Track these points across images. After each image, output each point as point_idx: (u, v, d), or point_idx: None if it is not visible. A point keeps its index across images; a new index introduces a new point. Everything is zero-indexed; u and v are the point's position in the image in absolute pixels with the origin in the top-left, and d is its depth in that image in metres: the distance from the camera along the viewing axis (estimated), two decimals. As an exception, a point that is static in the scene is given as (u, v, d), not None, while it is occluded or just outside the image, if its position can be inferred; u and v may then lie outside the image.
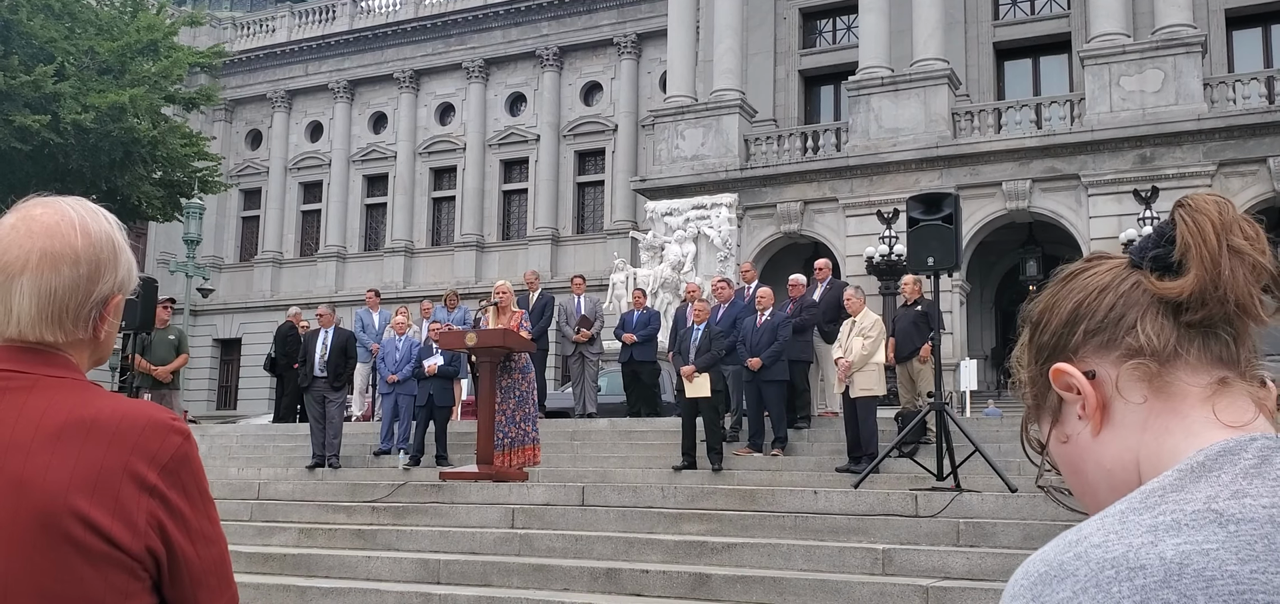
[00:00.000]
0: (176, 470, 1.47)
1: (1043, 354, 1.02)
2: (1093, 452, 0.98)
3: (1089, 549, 0.82)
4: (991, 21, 30.46)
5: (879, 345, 11.81)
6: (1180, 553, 0.79)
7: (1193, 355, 0.94)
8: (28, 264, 1.48)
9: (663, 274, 27.38)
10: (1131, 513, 0.85)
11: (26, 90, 22.58)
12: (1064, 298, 1.02)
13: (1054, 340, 1.01)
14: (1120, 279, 0.99)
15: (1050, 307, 1.03)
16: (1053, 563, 0.83)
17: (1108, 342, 0.97)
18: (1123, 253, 1.03)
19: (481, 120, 39.60)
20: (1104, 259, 1.04)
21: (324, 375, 13.79)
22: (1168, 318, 0.95)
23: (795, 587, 8.34)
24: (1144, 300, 0.96)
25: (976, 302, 29.26)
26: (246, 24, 44.55)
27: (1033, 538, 8.90)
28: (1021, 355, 1.07)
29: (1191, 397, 0.93)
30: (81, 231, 1.51)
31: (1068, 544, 0.84)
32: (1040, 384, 1.03)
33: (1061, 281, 1.05)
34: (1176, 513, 0.82)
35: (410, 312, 16.76)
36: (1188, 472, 0.86)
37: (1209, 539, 0.80)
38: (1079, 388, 0.97)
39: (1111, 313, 0.97)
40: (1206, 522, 0.81)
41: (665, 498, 10.99)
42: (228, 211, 43.56)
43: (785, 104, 32.22)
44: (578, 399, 16.58)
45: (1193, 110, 23.64)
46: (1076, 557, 0.82)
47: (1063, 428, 1.01)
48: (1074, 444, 1.00)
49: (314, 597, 9.11)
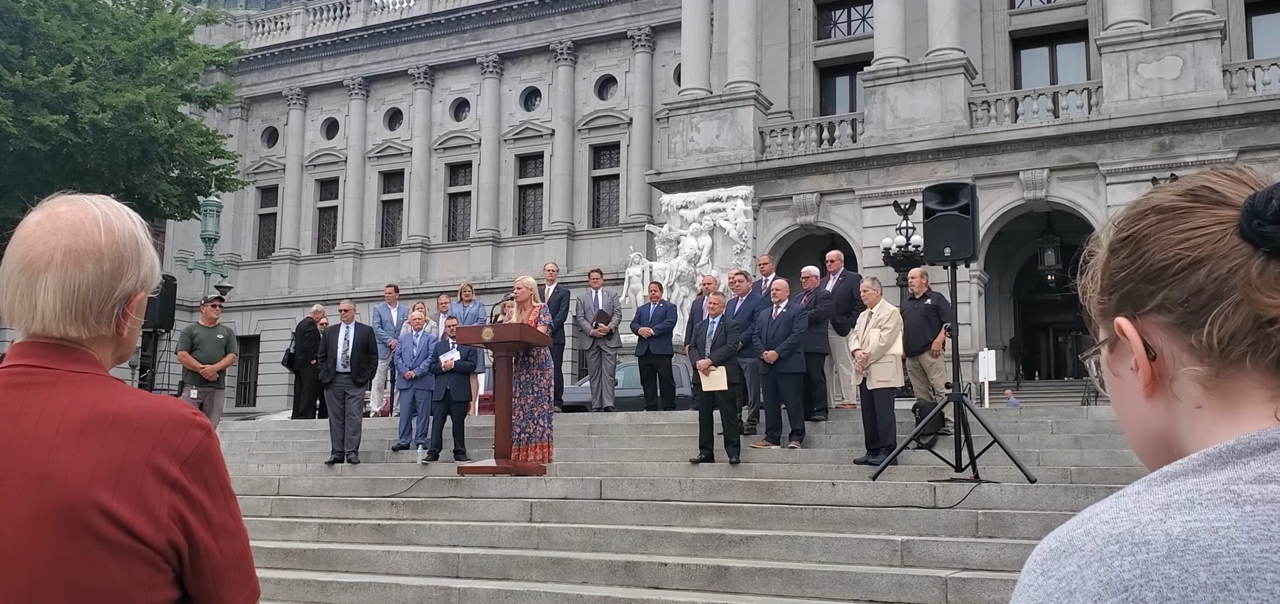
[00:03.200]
0: (198, 464, 1.48)
1: (1113, 287, 0.93)
2: (1139, 406, 0.93)
3: (1098, 525, 0.81)
4: (1007, 10, 30.30)
5: (896, 337, 11.77)
6: (1187, 529, 0.77)
7: (1269, 362, 0.85)
8: (52, 260, 1.50)
9: (679, 267, 27.36)
10: (1146, 491, 0.83)
11: (45, 90, 22.71)
12: (1155, 242, 0.90)
13: (1128, 286, 0.91)
14: (1221, 253, 0.86)
15: (1138, 240, 0.91)
16: (1064, 539, 0.82)
17: (1180, 324, 0.88)
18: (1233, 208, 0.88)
19: (496, 115, 39.64)
20: (1214, 206, 0.89)
21: (347, 371, 13.84)
22: (1251, 319, 0.85)
23: (814, 579, 8.33)
24: (1237, 289, 0.85)
25: (995, 292, 29.14)
26: (261, 22, 44.71)
27: (1052, 528, 8.82)
28: (1095, 269, 0.96)
29: (1252, 399, 0.87)
30: (105, 229, 1.53)
31: (1081, 521, 0.83)
32: (1103, 308, 0.95)
33: (1160, 215, 0.91)
34: (1192, 493, 0.80)
35: (427, 307, 16.80)
36: (1215, 456, 0.83)
37: (1221, 518, 0.77)
38: (1136, 360, 0.91)
39: (1197, 296, 0.87)
40: (1221, 502, 0.79)
41: (683, 491, 11.00)
42: (245, 209, 43.77)
43: (800, 95, 32.14)
44: (595, 393, 16.59)
45: (1212, 97, 23.47)
46: (1085, 533, 0.81)
47: (1116, 361, 0.95)
48: (1123, 384, 0.94)
49: (334, 591, 9.15)
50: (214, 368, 13.61)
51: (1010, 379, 27.90)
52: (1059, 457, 11.74)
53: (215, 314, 14.16)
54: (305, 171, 43.20)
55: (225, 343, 13.86)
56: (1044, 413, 14.16)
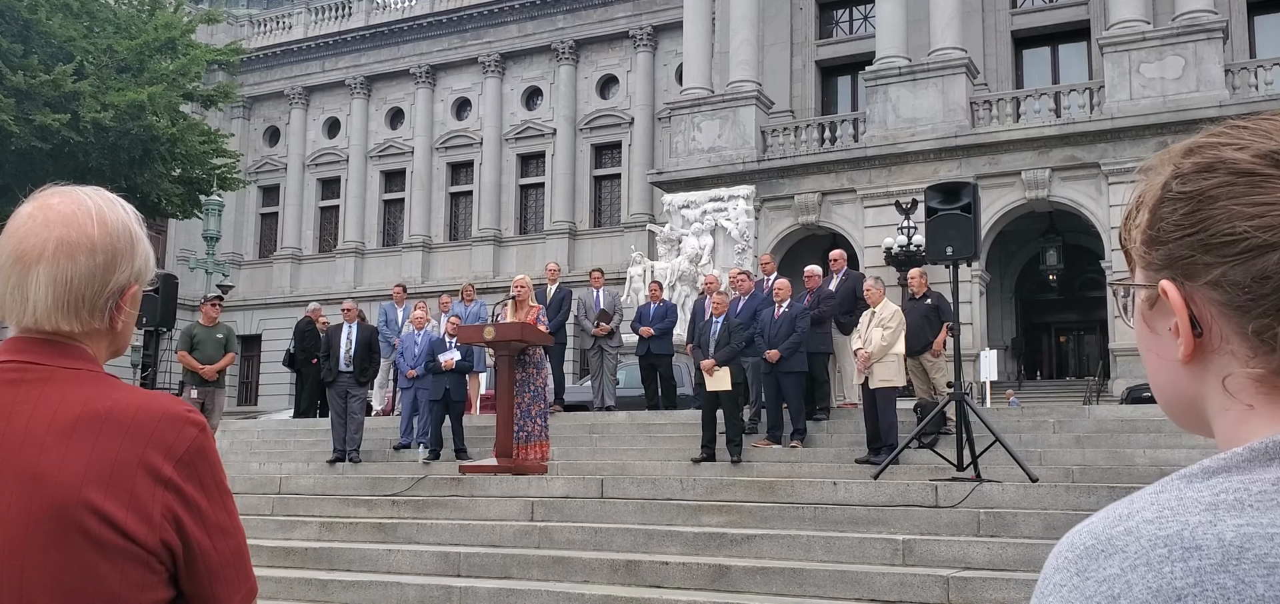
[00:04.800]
0: (192, 463, 1.46)
1: (1161, 240, 0.82)
2: (1171, 368, 0.84)
3: (1140, 524, 0.75)
4: (1009, 9, 30.27)
5: (898, 336, 11.76)
6: (1241, 535, 0.71)
7: None
8: (44, 253, 1.47)
9: (680, 267, 27.35)
10: (1188, 487, 0.76)
11: (46, 89, 22.71)
12: (1221, 209, 0.78)
13: (1182, 250, 0.81)
14: None
15: (1200, 200, 0.80)
16: (1100, 536, 0.76)
17: (1238, 309, 0.78)
18: None
19: (498, 115, 39.64)
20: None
21: (349, 371, 13.82)
22: None
23: (815, 578, 8.32)
24: None
25: (996, 291, 29.12)
26: (263, 21, 44.73)
27: (1054, 527, 8.85)
28: (1145, 207, 0.85)
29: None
30: (98, 221, 1.50)
31: (1117, 517, 0.77)
32: (1147, 258, 0.85)
33: (1231, 177, 0.79)
34: (1240, 493, 0.74)
35: (428, 306, 16.79)
36: (1260, 452, 0.76)
37: (1275, 522, 0.72)
38: (1178, 328, 0.81)
39: (1263, 284, 0.76)
40: (1273, 504, 0.73)
41: (684, 490, 10.99)
42: (247, 208, 43.79)
43: (802, 95, 32.12)
44: (596, 393, 16.58)
45: (1214, 97, 23.43)
46: (1126, 532, 0.75)
47: (1153, 316, 0.86)
48: (1158, 340, 0.86)
49: (335, 590, 9.14)
50: (213, 368, 13.55)
51: (1012, 379, 27.89)
52: (1061, 456, 11.73)
53: (215, 313, 14.11)
54: (307, 171, 43.21)
55: (225, 342, 13.80)
56: (1046, 412, 14.15)
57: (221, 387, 14.02)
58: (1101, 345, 27.92)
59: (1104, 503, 7.35)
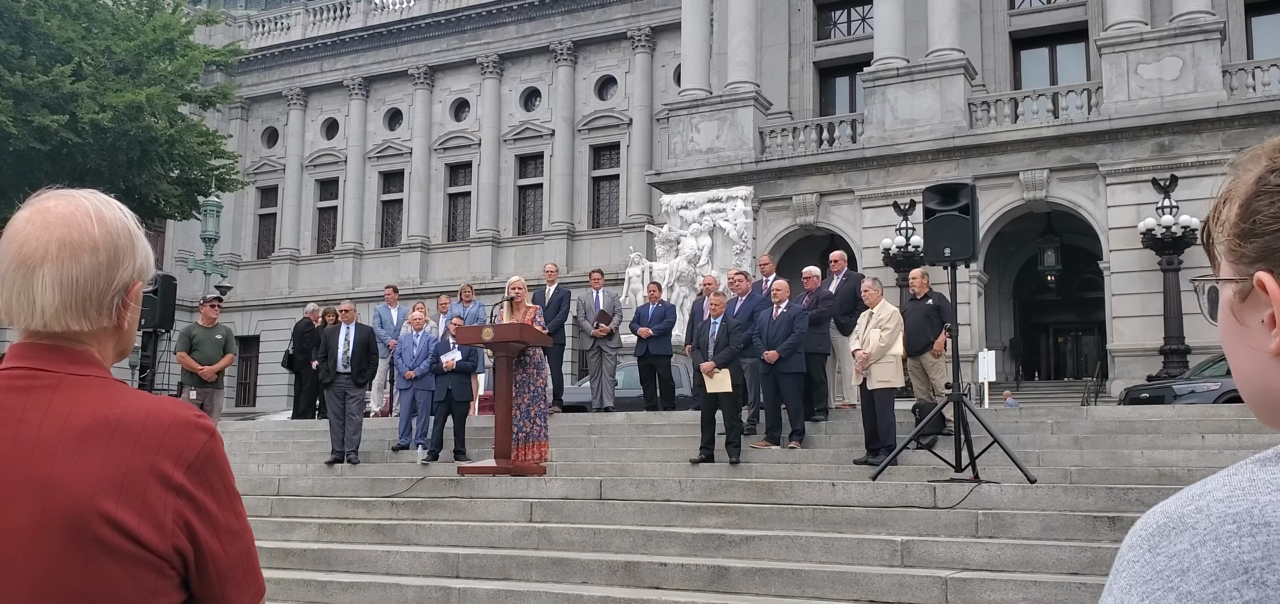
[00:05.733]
0: (203, 468, 1.47)
1: (1258, 233, 0.84)
2: (1260, 361, 0.85)
3: (1212, 503, 0.76)
4: (1007, 11, 30.30)
5: (897, 337, 11.77)
6: None
7: None
8: (47, 255, 1.48)
9: (678, 268, 27.36)
10: (1261, 470, 0.78)
11: (45, 90, 22.70)
12: None
13: (1278, 241, 0.82)
14: None
15: None
16: (1173, 515, 0.78)
17: None
18: None
19: (496, 116, 39.64)
20: None
21: (347, 372, 13.83)
22: None
23: (814, 579, 8.34)
24: None
25: (995, 292, 29.14)
26: (261, 22, 44.72)
27: (1052, 528, 8.88)
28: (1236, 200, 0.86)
29: None
30: (97, 220, 1.52)
31: (1190, 497, 0.78)
32: (1239, 252, 0.86)
33: None
34: None
35: (427, 307, 16.80)
36: None
37: None
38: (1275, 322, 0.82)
39: None
40: None
41: (683, 491, 11.00)
42: (245, 209, 43.77)
43: (800, 96, 32.15)
44: (595, 393, 16.60)
45: (1212, 98, 23.47)
46: (1197, 510, 0.77)
47: (1244, 309, 0.87)
48: (1247, 333, 0.87)
49: (334, 591, 9.15)
50: (212, 369, 13.56)
51: (1010, 379, 27.91)
52: (1059, 457, 11.74)
53: (214, 314, 14.12)
54: (305, 172, 43.20)
55: (223, 343, 13.81)
56: (1044, 413, 14.16)
57: (220, 388, 14.03)
58: (1100, 346, 27.94)
59: (1102, 503, 7.29)
